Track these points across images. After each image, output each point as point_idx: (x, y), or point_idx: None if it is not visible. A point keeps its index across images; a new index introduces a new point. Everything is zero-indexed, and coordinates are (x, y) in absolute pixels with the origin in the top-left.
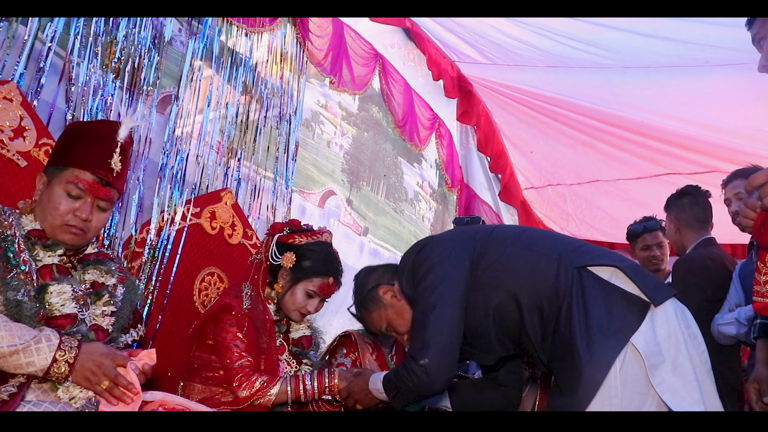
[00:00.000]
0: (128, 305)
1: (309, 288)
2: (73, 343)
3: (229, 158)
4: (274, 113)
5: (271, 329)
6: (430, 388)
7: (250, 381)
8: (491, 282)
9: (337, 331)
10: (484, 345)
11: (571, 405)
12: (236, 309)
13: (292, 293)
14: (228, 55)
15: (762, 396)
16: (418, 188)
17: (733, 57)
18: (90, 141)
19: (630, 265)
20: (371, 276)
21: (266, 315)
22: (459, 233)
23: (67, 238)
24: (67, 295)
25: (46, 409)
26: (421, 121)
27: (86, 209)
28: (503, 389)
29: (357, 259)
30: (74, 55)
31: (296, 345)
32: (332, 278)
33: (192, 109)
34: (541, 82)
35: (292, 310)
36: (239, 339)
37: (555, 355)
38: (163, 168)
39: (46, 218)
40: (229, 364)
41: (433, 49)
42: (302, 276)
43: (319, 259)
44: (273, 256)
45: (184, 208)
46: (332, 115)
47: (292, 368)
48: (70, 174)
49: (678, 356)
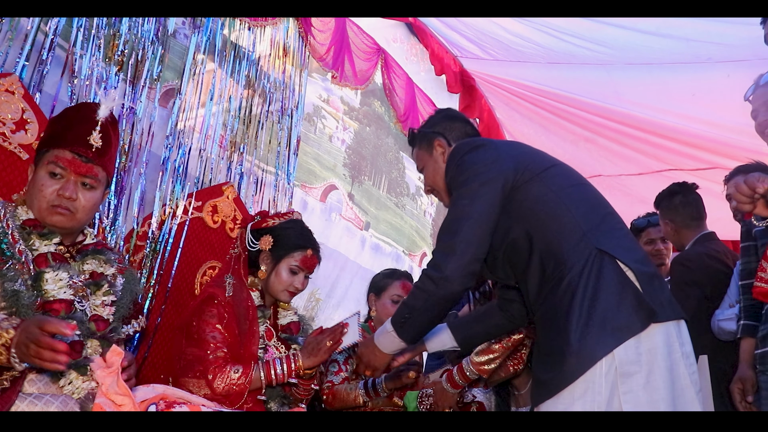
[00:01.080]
0: (128, 295)
1: (291, 264)
2: (14, 322)
3: (232, 152)
4: (276, 107)
5: (254, 315)
6: (445, 295)
7: (224, 372)
8: (518, 215)
9: None
10: (491, 264)
11: (552, 383)
12: (219, 297)
13: (277, 273)
14: (231, 49)
15: (745, 395)
16: (420, 183)
17: (735, 54)
18: (69, 122)
19: (648, 273)
20: (443, 124)
21: (249, 302)
22: (517, 148)
23: (56, 219)
24: (63, 282)
25: (47, 402)
26: (423, 116)
27: (69, 187)
28: (509, 315)
29: (358, 254)
30: (77, 48)
31: (285, 331)
32: (311, 250)
33: (195, 102)
34: (543, 78)
35: (280, 291)
36: (218, 331)
37: (544, 320)
38: (165, 161)
39: (34, 204)
40: (205, 356)
41: (436, 44)
42: (283, 253)
43: (295, 234)
44: (250, 243)
45: (185, 201)
46: (334, 110)
47: (281, 353)
48: (51, 155)
49: (654, 371)
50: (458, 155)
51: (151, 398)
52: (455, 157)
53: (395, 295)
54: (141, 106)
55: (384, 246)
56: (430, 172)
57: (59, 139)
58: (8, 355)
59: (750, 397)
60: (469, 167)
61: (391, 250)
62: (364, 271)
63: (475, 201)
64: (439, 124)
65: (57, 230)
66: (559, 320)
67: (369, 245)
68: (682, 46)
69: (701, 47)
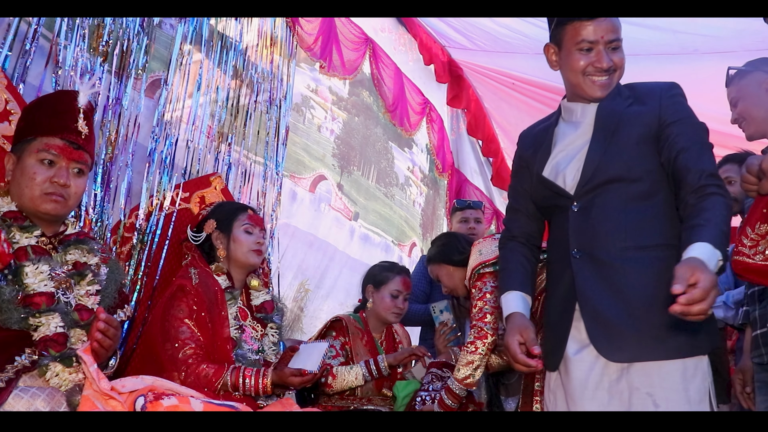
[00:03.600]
0: (113, 285)
1: (243, 225)
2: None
3: (219, 143)
4: (264, 98)
5: (222, 298)
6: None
7: (195, 372)
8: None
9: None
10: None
11: (679, 344)
12: (188, 286)
13: (235, 240)
14: (218, 39)
15: (745, 386)
16: (408, 173)
17: (722, 45)
18: (52, 110)
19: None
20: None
21: (216, 286)
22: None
23: (49, 207)
24: (44, 275)
25: (33, 394)
26: (412, 105)
27: (63, 174)
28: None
29: (347, 244)
30: (61, 38)
31: (259, 311)
32: (249, 210)
33: (181, 93)
34: (530, 69)
35: (246, 254)
36: (186, 326)
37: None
38: (152, 153)
39: (24, 192)
40: (175, 354)
41: (424, 34)
42: (229, 222)
43: (229, 205)
44: (194, 238)
45: (173, 192)
46: (323, 100)
47: (258, 332)
48: (40, 143)
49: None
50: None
51: (140, 390)
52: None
53: (395, 290)
54: (127, 96)
55: (373, 236)
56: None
57: (46, 127)
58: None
59: (749, 387)
60: (684, 105)
61: (380, 240)
62: (353, 261)
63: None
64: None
65: (48, 218)
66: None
67: (358, 235)
68: (668, 37)
69: (688, 39)
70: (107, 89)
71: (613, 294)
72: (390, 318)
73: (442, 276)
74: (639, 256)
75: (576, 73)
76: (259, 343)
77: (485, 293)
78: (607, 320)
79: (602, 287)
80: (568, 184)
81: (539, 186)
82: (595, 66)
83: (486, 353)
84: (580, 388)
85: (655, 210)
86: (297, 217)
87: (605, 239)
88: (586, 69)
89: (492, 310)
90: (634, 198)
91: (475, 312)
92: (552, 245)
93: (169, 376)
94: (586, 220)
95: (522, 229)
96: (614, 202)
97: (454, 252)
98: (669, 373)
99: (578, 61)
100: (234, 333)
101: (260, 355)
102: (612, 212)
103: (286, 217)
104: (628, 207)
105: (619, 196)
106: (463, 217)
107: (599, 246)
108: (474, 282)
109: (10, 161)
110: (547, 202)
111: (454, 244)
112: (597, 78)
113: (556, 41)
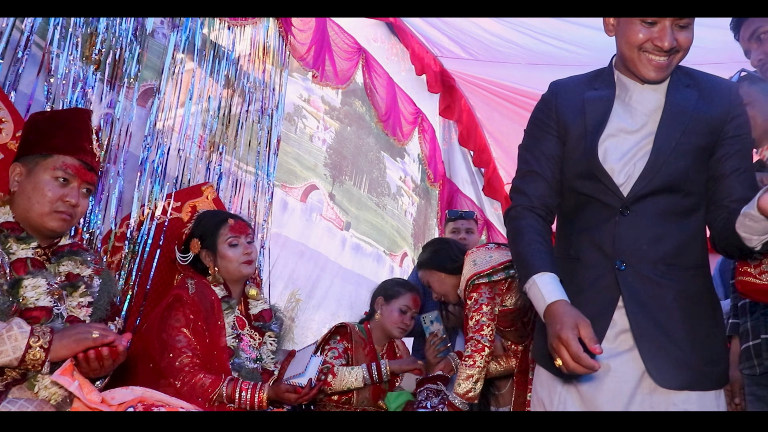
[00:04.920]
0: (105, 296)
1: (227, 240)
2: (46, 329)
3: (211, 152)
4: (256, 107)
5: (219, 308)
6: None
7: (191, 381)
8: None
9: (319, 326)
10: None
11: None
12: (184, 296)
13: (222, 257)
14: (210, 49)
15: (734, 398)
16: (400, 183)
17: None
18: (68, 128)
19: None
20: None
21: (213, 296)
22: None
23: (56, 225)
24: (42, 288)
25: (22, 406)
26: (404, 115)
27: (75, 194)
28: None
29: (339, 254)
30: (54, 46)
31: (257, 320)
32: (230, 219)
33: (174, 102)
34: (523, 79)
35: (237, 267)
36: (183, 334)
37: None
38: (143, 162)
39: (33, 207)
40: (171, 361)
41: (416, 44)
42: (213, 239)
43: (208, 219)
44: (182, 259)
45: (164, 202)
46: (315, 110)
47: (256, 341)
48: (57, 161)
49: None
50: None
51: (129, 401)
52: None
53: (405, 306)
54: (119, 105)
55: (365, 246)
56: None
57: (63, 146)
58: (45, 356)
59: (737, 398)
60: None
61: (371, 250)
62: (344, 271)
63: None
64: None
65: (51, 234)
66: (716, 312)
67: (350, 245)
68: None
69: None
70: (99, 98)
71: (666, 318)
72: (395, 332)
73: (433, 282)
74: (682, 276)
75: (631, 47)
76: (257, 351)
77: (481, 305)
78: (663, 344)
79: (655, 309)
80: (618, 181)
81: (583, 167)
82: (654, 43)
83: (484, 366)
84: (611, 398)
85: (696, 227)
86: (288, 227)
87: (653, 254)
88: (644, 44)
89: (489, 322)
90: (682, 212)
91: (472, 324)
92: (576, 242)
93: (166, 385)
94: (634, 229)
95: (542, 200)
96: (665, 214)
97: (446, 259)
98: (708, 400)
99: (637, 34)
100: (231, 342)
101: (258, 363)
102: (661, 224)
103: (277, 226)
104: (676, 221)
105: (671, 208)
106: (455, 228)
107: (646, 260)
108: (469, 293)
109: (16, 172)
110: (586, 189)
111: (447, 251)
112: (654, 57)
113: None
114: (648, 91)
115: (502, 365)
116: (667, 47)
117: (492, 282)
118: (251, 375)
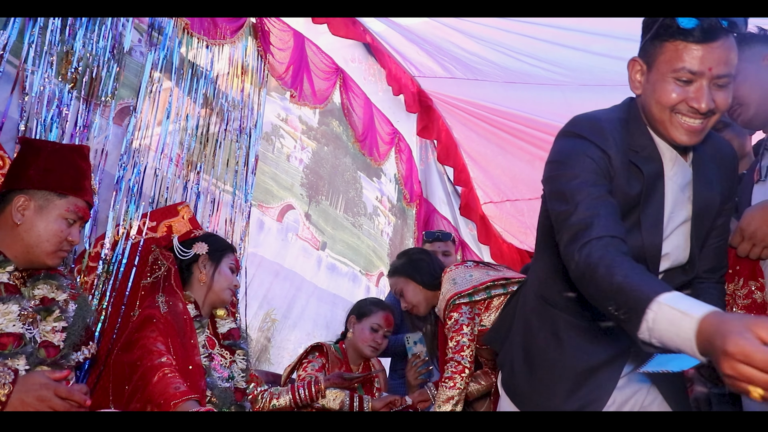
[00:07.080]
0: (80, 321)
1: (230, 264)
2: (7, 378)
3: (188, 171)
4: (234, 126)
5: (191, 327)
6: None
7: (166, 377)
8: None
9: (295, 347)
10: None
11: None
12: (156, 316)
13: (220, 273)
14: (188, 67)
15: None
16: (377, 203)
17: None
18: (76, 166)
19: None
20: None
21: (185, 315)
22: None
23: (56, 263)
24: (12, 315)
25: None
26: (381, 135)
27: (77, 234)
28: None
29: (314, 274)
30: (28, 64)
31: (227, 338)
32: (233, 254)
33: (150, 121)
34: (500, 98)
35: (224, 289)
36: (161, 341)
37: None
38: (119, 181)
39: (40, 245)
40: (148, 363)
41: (393, 65)
42: (220, 254)
43: (222, 240)
44: (181, 251)
45: (140, 221)
46: (292, 129)
47: (227, 359)
48: (70, 203)
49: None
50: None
51: None
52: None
53: (376, 324)
54: (95, 124)
55: (340, 266)
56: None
57: (76, 187)
58: (2, 408)
59: None
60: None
61: (347, 270)
62: (320, 291)
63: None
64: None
65: (42, 267)
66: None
67: (325, 265)
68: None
69: None
70: (75, 116)
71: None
72: (366, 351)
73: (406, 291)
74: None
75: (663, 108)
76: (228, 370)
77: (462, 325)
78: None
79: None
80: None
81: (635, 240)
82: (690, 104)
83: (464, 387)
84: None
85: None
86: (264, 247)
87: None
88: (677, 105)
89: (469, 343)
90: (685, 284)
91: (452, 345)
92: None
93: (137, 407)
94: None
95: (621, 232)
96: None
97: (426, 273)
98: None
99: (670, 93)
100: (203, 362)
101: (231, 382)
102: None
103: (253, 246)
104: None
105: (680, 281)
106: (432, 249)
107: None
108: (449, 313)
109: (22, 205)
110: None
111: (429, 264)
112: (689, 120)
113: (647, 58)
114: (682, 165)
115: (482, 383)
116: (704, 109)
117: (472, 302)
118: (224, 394)
